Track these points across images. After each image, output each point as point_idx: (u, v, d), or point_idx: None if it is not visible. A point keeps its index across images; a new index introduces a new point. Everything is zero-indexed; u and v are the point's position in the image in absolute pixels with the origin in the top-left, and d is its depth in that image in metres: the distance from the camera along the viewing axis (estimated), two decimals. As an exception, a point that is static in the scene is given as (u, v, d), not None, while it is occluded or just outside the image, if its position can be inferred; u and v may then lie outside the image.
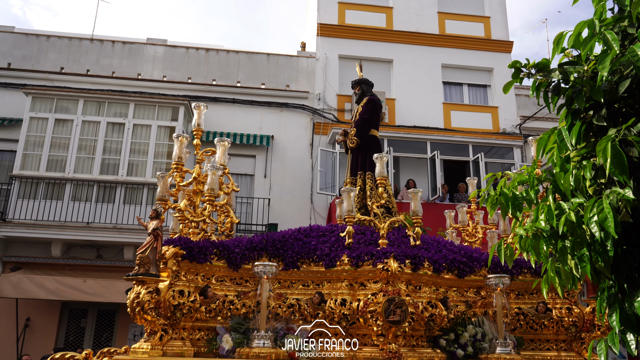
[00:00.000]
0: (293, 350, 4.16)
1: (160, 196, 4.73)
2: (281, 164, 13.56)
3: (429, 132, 14.01)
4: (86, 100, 12.36)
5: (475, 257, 5.10)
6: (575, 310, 4.94)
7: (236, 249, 4.67)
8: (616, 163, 1.90)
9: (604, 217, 2.02)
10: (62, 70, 13.41)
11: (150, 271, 4.21)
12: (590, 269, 2.62)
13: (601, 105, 2.13)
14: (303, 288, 4.69)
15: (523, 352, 4.78)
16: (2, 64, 13.20)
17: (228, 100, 13.80)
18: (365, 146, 6.32)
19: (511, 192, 2.78)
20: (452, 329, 4.64)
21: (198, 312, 4.39)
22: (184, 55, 14.20)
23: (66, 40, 13.80)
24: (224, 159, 5.18)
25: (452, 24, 15.61)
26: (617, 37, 1.95)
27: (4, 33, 13.67)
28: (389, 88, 14.72)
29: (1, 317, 11.13)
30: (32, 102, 12.10)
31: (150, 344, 4.23)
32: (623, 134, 1.97)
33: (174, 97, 12.95)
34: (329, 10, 15.17)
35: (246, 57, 14.44)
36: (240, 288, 4.64)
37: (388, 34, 15.21)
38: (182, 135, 5.03)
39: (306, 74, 14.56)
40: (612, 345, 2.49)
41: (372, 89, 6.93)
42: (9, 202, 11.39)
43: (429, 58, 15.08)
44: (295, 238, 5.03)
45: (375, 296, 4.40)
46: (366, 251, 4.63)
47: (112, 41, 14.02)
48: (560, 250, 2.64)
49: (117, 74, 13.60)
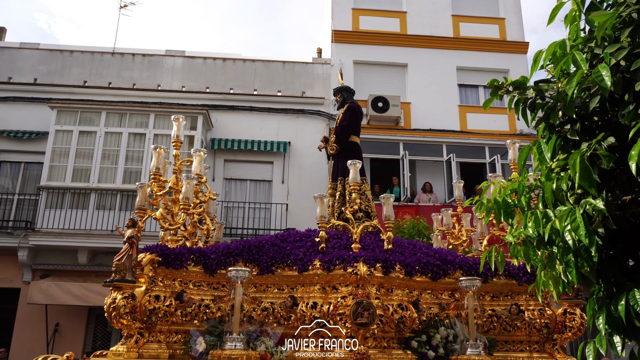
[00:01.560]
0: (265, 352, 4.33)
1: (139, 205, 4.94)
2: (298, 170, 13.77)
3: (445, 134, 14.07)
4: (108, 112, 12.78)
5: (449, 260, 5.17)
6: (547, 312, 5.00)
7: (212, 255, 4.85)
8: (584, 177, 2.03)
9: (577, 226, 2.14)
10: (85, 83, 13.87)
11: (127, 277, 4.41)
12: (576, 274, 2.74)
13: (575, 120, 2.26)
14: (278, 292, 4.84)
15: (496, 354, 4.85)
16: (29, 80, 13.73)
17: (245, 108, 14.09)
18: (345, 152, 6.44)
19: (502, 200, 2.91)
20: (424, 330, 4.74)
21: (174, 316, 4.57)
22: (202, 65, 14.54)
23: (89, 55, 14.28)
24: (200, 169, 5.41)
25: (466, 27, 15.64)
26: (584, 57, 2.09)
27: (30, 50, 14.22)
28: (404, 92, 14.83)
29: (32, 323, 11.59)
30: (57, 116, 12.57)
31: (126, 347, 4.44)
32: (594, 147, 2.09)
33: (193, 107, 13.29)
34: (343, 17, 15.36)
35: (262, 65, 14.72)
36: (217, 292, 4.81)
37: (402, 38, 15.32)
38: (159, 147, 5.24)
39: (321, 80, 14.76)
40: (600, 347, 2.60)
41: (353, 96, 7.06)
42: (37, 212, 11.85)
43: (443, 61, 15.14)
44: (271, 243, 5.19)
45: (345, 299, 4.54)
46: (337, 255, 4.77)
47: (132, 54, 14.45)
48: (549, 257, 2.75)
49: (137, 85, 14.01)
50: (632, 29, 2.00)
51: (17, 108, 13.38)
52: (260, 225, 13.02)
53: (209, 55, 14.94)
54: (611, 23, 2.00)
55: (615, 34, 2.13)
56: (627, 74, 2.00)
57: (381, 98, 14.06)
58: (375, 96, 14.06)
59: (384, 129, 14.14)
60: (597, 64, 2.13)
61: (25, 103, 13.41)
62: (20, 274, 12.09)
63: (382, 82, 14.90)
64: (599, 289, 2.81)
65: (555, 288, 2.89)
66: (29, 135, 12.93)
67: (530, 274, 5.11)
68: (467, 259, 5.31)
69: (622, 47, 2.01)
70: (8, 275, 12.09)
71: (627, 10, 2.04)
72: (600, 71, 1.95)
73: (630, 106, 1.99)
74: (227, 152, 13.63)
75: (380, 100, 14.05)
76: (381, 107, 14.00)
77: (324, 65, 14.92)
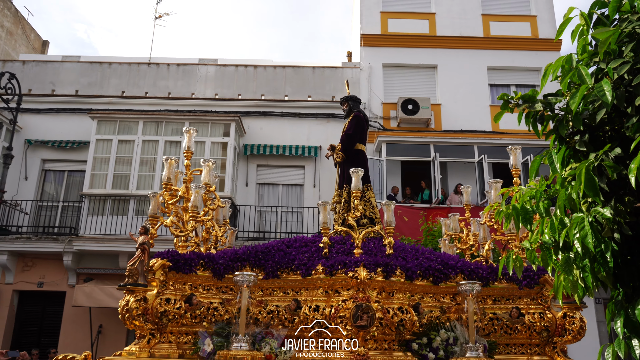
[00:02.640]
0: (270, 352, 4.49)
1: (151, 213, 5.19)
2: (329, 174, 13.91)
3: (476, 135, 13.97)
4: (145, 121, 13.26)
5: (451, 264, 5.23)
6: (547, 315, 5.00)
7: (220, 260, 5.05)
8: (589, 187, 2.12)
9: (585, 234, 2.22)
10: (123, 94, 14.42)
11: (139, 281, 4.66)
12: (592, 279, 2.80)
13: (584, 131, 2.34)
14: (283, 295, 5.01)
15: (497, 356, 4.88)
16: (71, 91, 14.37)
17: (276, 114, 14.34)
18: (350, 160, 6.54)
19: (521, 206, 2.99)
20: (425, 333, 4.80)
21: (184, 318, 4.78)
22: (234, 73, 14.89)
23: (126, 66, 14.83)
24: (208, 178, 5.63)
25: (496, 26, 15.49)
26: (589, 72, 2.17)
27: (72, 62, 14.87)
28: (434, 94, 14.80)
29: (77, 324, 12.13)
30: (97, 126, 13.12)
31: (138, 347, 4.69)
32: (601, 158, 2.17)
33: (226, 114, 13.64)
34: (372, 20, 15.45)
35: (292, 71, 14.96)
36: (225, 296, 5.00)
37: (431, 39, 15.29)
38: (170, 157, 5.49)
39: (351, 84, 14.88)
40: (618, 350, 2.66)
41: (359, 105, 7.14)
42: (80, 219, 12.40)
43: (474, 61, 15.04)
44: (277, 249, 5.35)
45: (345, 302, 4.66)
46: (339, 260, 4.90)
47: (167, 64, 14.92)
48: (565, 262, 2.82)
49: (172, 94, 14.47)
50: (635, 43, 2.08)
51: (60, 119, 14.03)
52: (293, 229, 13.23)
53: (240, 62, 15.28)
54: (614, 38, 2.08)
55: (621, 48, 2.20)
56: (631, 88, 2.08)
57: (411, 100, 14.08)
58: (405, 99, 14.09)
59: (414, 131, 14.15)
60: (602, 78, 2.21)
61: (68, 114, 14.05)
62: (66, 278, 12.67)
63: (412, 85, 14.91)
64: (618, 293, 2.87)
65: (572, 292, 2.96)
66: (72, 144, 13.53)
67: (530, 278, 5.15)
68: (469, 263, 5.36)
69: (625, 61, 2.09)
70: (54, 279, 12.69)
71: (629, 26, 2.11)
72: (602, 86, 2.03)
73: (634, 119, 2.07)
74: (259, 157, 13.92)
75: (410, 102, 14.07)
76: (411, 109, 14.02)
77: (353, 69, 15.05)
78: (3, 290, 12.65)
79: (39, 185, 13.71)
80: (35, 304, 12.86)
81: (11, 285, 12.67)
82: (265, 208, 13.63)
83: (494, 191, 5.76)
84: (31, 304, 12.82)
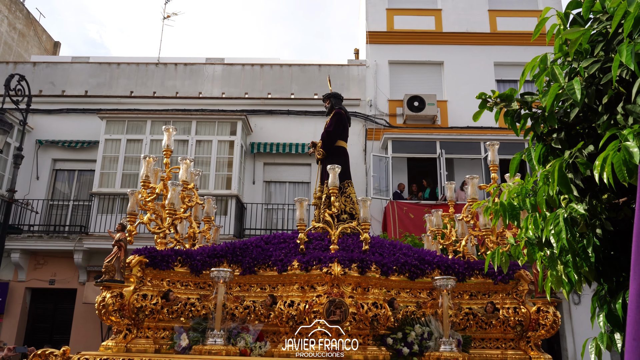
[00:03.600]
0: (245, 347, 4.56)
1: (130, 210, 5.28)
2: (336, 171, 13.98)
3: (483, 132, 13.93)
4: (153, 120, 13.42)
5: (427, 259, 5.26)
6: (521, 310, 5.01)
7: (198, 257, 5.13)
8: (562, 183, 2.17)
9: (560, 230, 2.27)
10: (131, 94, 14.59)
11: (115, 278, 4.76)
12: (575, 274, 2.85)
13: (560, 129, 2.39)
14: (260, 291, 5.07)
15: (472, 351, 4.91)
16: (80, 92, 14.58)
17: (283, 112, 14.43)
18: (331, 157, 6.61)
19: (508, 202, 3.04)
20: (400, 328, 4.83)
21: (161, 314, 4.85)
22: (241, 71, 15.00)
23: (134, 66, 15.00)
24: (186, 175, 5.72)
25: (503, 21, 15.41)
26: (562, 72, 2.22)
27: (81, 64, 15.08)
28: (440, 90, 14.78)
29: (88, 321, 12.34)
30: (106, 125, 13.31)
31: (115, 342, 4.78)
32: (575, 155, 2.22)
33: (232, 113, 13.76)
34: (378, 18, 15.46)
35: (299, 69, 15.03)
36: (203, 292, 5.07)
37: (438, 36, 15.27)
38: (148, 155, 5.60)
39: (357, 81, 14.93)
40: (601, 344, 2.71)
41: (342, 102, 7.16)
42: (90, 217, 12.60)
43: (480, 57, 14.99)
44: (255, 245, 5.43)
45: (319, 298, 4.71)
46: (315, 256, 4.95)
47: (174, 63, 15.07)
48: (549, 257, 2.87)
49: (180, 94, 14.61)
50: (605, 43, 2.12)
51: (70, 119, 14.25)
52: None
53: (247, 61, 15.39)
54: (585, 38, 2.12)
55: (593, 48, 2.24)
56: (601, 86, 2.12)
57: (417, 97, 14.09)
58: (411, 95, 14.10)
59: (420, 128, 14.15)
60: (575, 76, 2.25)
61: (78, 114, 14.26)
62: (76, 276, 12.89)
63: (418, 81, 14.91)
64: (602, 288, 2.91)
65: (556, 287, 3.00)
66: (82, 144, 13.74)
67: (505, 274, 5.17)
68: (445, 259, 5.39)
69: (596, 60, 2.13)
70: (66, 277, 12.93)
71: (600, 26, 2.15)
72: (573, 85, 2.07)
73: (604, 116, 2.11)
74: (266, 155, 14.02)
75: (416, 99, 14.07)
76: (417, 106, 14.02)
77: (359, 67, 15.08)
78: (16, 288, 12.91)
79: (50, 184, 13.95)
80: (47, 301, 13.11)
81: (24, 283, 12.93)
82: (272, 206, 13.74)
83: (471, 187, 5.79)
84: (43, 301, 13.07)
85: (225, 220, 12.55)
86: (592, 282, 2.81)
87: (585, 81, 2.17)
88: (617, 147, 1.87)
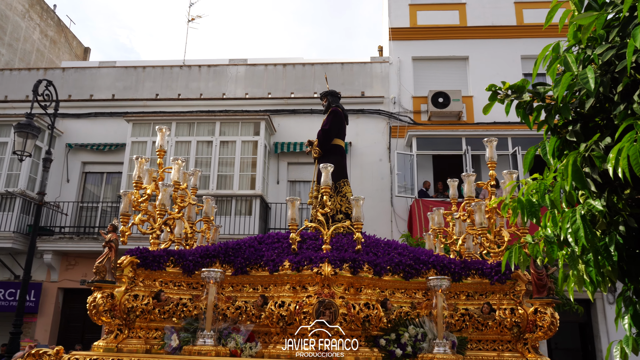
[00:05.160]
0: (235, 348, 4.50)
1: (123, 211, 5.27)
2: (360, 169, 13.89)
3: (510, 127, 13.59)
4: (178, 122, 13.57)
5: (422, 259, 5.10)
6: (518, 311, 4.81)
7: (190, 257, 5.09)
8: (576, 179, 2.05)
9: (577, 228, 2.16)
10: (157, 96, 14.80)
11: (106, 278, 4.74)
12: (596, 273, 2.71)
13: (575, 121, 2.26)
14: (252, 291, 4.99)
15: (468, 352, 4.75)
16: (108, 96, 14.87)
17: (306, 112, 14.39)
18: (328, 155, 6.51)
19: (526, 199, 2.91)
20: (393, 329, 4.70)
21: (152, 314, 4.84)
22: (263, 72, 15.03)
23: (159, 69, 15.21)
24: (178, 176, 5.68)
25: (530, 13, 15.02)
26: (575, 59, 2.10)
27: (108, 68, 15.37)
28: (465, 86, 14.51)
29: (117, 321, 12.55)
30: (132, 128, 13.53)
31: (106, 342, 4.78)
32: (591, 148, 2.10)
33: (256, 113, 13.80)
34: (400, 14, 15.27)
35: (321, 68, 14.97)
36: (195, 292, 5.03)
37: (462, 30, 14.99)
38: (140, 156, 5.58)
39: (380, 79, 14.78)
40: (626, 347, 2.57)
41: (339, 100, 7.04)
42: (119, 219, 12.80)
43: (507, 51, 14.65)
44: (248, 245, 5.36)
45: (309, 298, 4.61)
46: (306, 256, 4.84)
47: (198, 65, 15.22)
48: (570, 256, 2.74)
49: (204, 95, 14.74)
50: (620, 28, 1.99)
51: (98, 123, 14.55)
52: (323, 225, 13.24)
53: (269, 61, 15.42)
54: (600, 23, 2.00)
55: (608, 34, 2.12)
56: (617, 74, 2.00)
57: (441, 93, 13.86)
58: (435, 92, 13.89)
59: (445, 125, 13.93)
60: (589, 64, 2.13)
61: (105, 118, 14.55)
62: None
63: (443, 77, 14.67)
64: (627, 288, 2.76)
65: (579, 287, 2.87)
66: (109, 147, 14.00)
67: (502, 273, 4.99)
68: (441, 258, 5.23)
69: (611, 46, 2.01)
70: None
71: (615, 10, 2.03)
72: (586, 73, 1.96)
73: (621, 106, 1.99)
74: (290, 155, 14.01)
75: (441, 95, 13.85)
76: (442, 102, 13.80)
77: (382, 64, 14.93)
78: (49, 288, 13.25)
79: (80, 187, 14.26)
80: (79, 301, 13.38)
81: (56, 284, 13.26)
82: (301, 207, 13.70)
83: (467, 185, 5.62)
84: (75, 301, 13.36)
85: (249, 220, 12.60)
86: (616, 282, 2.67)
87: (600, 69, 2.04)
88: (633, 139, 1.75)
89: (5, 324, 12.18)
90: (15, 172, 13.32)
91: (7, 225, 12.64)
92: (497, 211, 5.57)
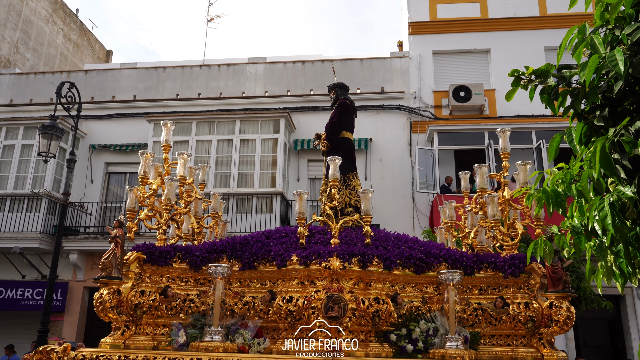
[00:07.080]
0: (243, 344, 4.43)
1: (129, 207, 5.24)
2: (380, 165, 13.78)
3: (534, 120, 13.33)
4: (199, 122, 13.66)
5: (433, 253, 4.96)
6: (533, 305, 4.63)
7: (197, 252, 5.02)
8: (605, 165, 1.96)
9: (604, 216, 2.07)
10: (177, 96, 14.92)
11: (113, 274, 4.72)
12: (626, 264, 2.60)
13: (603, 105, 2.16)
14: (260, 287, 4.91)
15: (482, 348, 4.61)
16: (129, 97, 15.05)
17: (325, 108, 14.29)
18: (336, 148, 6.39)
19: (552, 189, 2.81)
20: (404, 324, 4.58)
21: (159, 310, 4.79)
22: (283, 69, 15.03)
23: (179, 69, 15.33)
24: (183, 171, 5.59)
25: (553, 3, 14.68)
26: (602, 41, 2.00)
27: (129, 69, 15.56)
28: (487, 79, 14.28)
29: (142, 319, 12.71)
30: (154, 128, 13.65)
31: (113, 338, 4.75)
32: (620, 133, 2.01)
33: (275, 111, 13.79)
34: (419, 8, 15.09)
35: (340, 64, 14.89)
36: (203, 288, 4.96)
37: (483, 23, 14.74)
38: (146, 152, 5.52)
39: (400, 74, 14.64)
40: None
41: (347, 92, 6.88)
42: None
43: (530, 42, 14.35)
44: (256, 240, 5.26)
45: (318, 293, 4.51)
46: (314, 251, 4.74)
47: (218, 65, 15.29)
48: (598, 247, 2.64)
49: (224, 94, 14.80)
50: (651, 6, 1.89)
51: (120, 124, 14.73)
52: (345, 222, 13.19)
53: (288, 59, 15.40)
54: (629, 2, 1.91)
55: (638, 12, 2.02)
56: (649, 54, 1.90)
57: (463, 87, 13.66)
58: (456, 86, 13.69)
59: (467, 119, 13.72)
60: (617, 46, 2.03)
61: (127, 118, 14.72)
62: (130, 275, 13.29)
63: (464, 71, 14.45)
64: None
65: (607, 279, 2.76)
66: (132, 147, 14.16)
67: (515, 266, 4.82)
68: (453, 251, 5.08)
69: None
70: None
71: (645, -14, 1.93)
72: (615, 55, 1.86)
73: (653, 88, 1.88)
74: (309, 152, 13.97)
75: (462, 89, 13.65)
76: (463, 96, 13.60)
77: (402, 59, 14.78)
78: (75, 287, 13.48)
79: (104, 187, 14.47)
80: (104, 300, 13.58)
81: (82, 283, 13.47)
82: (317, 202, 13.66)
83: (479, 176, 5.47)
84: (100, 299, 13.55)
85: (270, 218, 12.61)
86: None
87: (629, 50, 1.94)
88: (666, 121, 1.65)
89: (33, 322, 12.42)
90: (41, 173, 13.57)
91: (34, 225, 12.89)
92: (510, 203, 5.45)
